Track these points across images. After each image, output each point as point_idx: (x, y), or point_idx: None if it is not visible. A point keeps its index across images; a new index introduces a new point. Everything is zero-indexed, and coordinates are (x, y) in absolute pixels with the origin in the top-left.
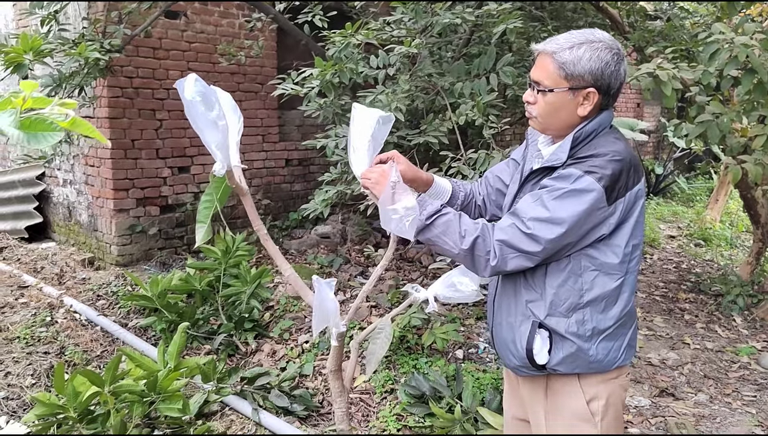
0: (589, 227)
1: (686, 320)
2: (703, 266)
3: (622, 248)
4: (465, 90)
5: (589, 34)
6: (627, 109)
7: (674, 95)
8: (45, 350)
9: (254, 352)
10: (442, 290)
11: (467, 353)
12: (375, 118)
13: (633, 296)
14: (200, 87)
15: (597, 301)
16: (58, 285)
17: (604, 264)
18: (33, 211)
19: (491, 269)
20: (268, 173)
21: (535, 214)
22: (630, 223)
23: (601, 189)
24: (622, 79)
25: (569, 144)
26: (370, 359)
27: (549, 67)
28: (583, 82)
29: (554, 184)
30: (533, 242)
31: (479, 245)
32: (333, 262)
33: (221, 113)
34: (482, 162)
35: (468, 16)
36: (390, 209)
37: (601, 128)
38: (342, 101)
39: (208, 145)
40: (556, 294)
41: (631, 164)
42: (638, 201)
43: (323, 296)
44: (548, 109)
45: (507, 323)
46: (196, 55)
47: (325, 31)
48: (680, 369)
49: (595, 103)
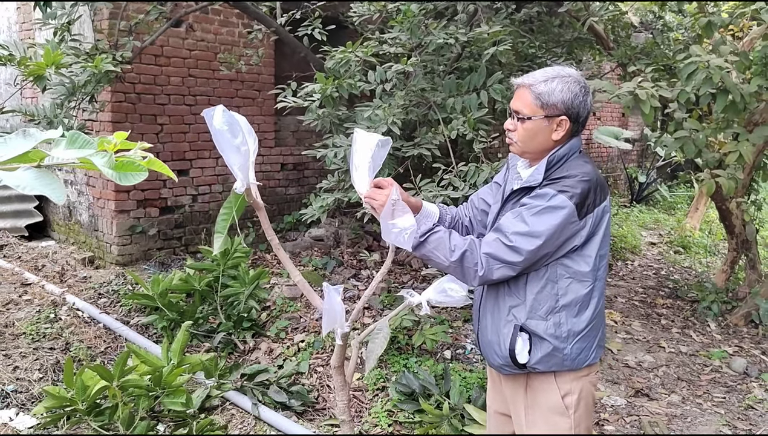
0: (563, 239)
1: (663, 325)
2: (681, 273)
3: (592, 257)
4: (456, 105)
5: (561, 70)
6: (612, 118)
7: (653, 113)
8: (50, 346)
9: (252, 350)
10: (434, 295)
11: (455, 353)
12: (375, 141)
13: (602, 300)
14: (227, 117)
15: (571, 305)
16: (59, 283)
17: (577, 272)
18: (33, 210)
19: (479, 278)
20: (263, 177)
21: (516, 229)
22: (599, 235)
23: (572, 206)
24: (589, 109)
25: (544, 166)
26: (369, 356)
27: (527, 98)
28: (557, 110)
29: (532, 202)
30: (515, 254)
31: (468, 258)
32: (326, 264)
33: (243, 139)
34: (472, 174)
35: (460, 36)
36: (390, 224)
37: (571, 152)
38: (339, 112)
39: (231, 166)
40: (536, 299)
41: (597, 184)
42: (605, 216)
43: (332, 301)
44: (527, 134)
45: (492, 327)
46: (196, 62)
47: (325, 46)
48: (655, 371)
49: (566, 130)
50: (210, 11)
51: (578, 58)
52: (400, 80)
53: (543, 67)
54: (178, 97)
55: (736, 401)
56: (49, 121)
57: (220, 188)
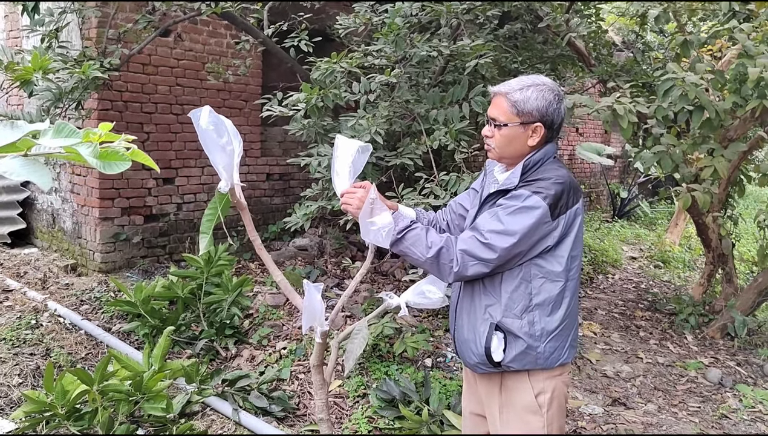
0: (536, 238)
1: (641, 337)
2: (660, 287)
3: (564, 258)
4: (439, 117)
5: (536, 78)
6: (595, 135)
7: (631, 127)
8: (31, 352)
9: (234, 357)
10: (412, 298)
11: (435, 361)
12: (355, 147)
13: (573, 300)
14: (213, 118)
15: (544, 304)
16: (41, 290)
17: (550, 272)
18: (16, 217)
19: (454, 274)
20: (249, 187)
21: (491, 227)
22: (571, 236)
23: (546, 206)
24: (562, 116)
25: (520, 170)
26: (348, 357)
27: (503, 106)
28: (532, 118)
29: (508, 202)
30: (490, 251)
31: (443, 254)
32: (310, 273)
33: (229, 139)
34: (453, 183)
35: (444, 49)
36: (369, 222)
37: (546, 157)
38: (324, 122)
39: (216, 165)
40: (510, 298)
41: (571, 187)
42: (577, 218)
43: (312, 298)
44: (503, 141)
45: (468, 325)
46: (184, 71)
47: (311, 57)
48: (633, 381)
49: (541, 136)
50: (199, 22)
51: (561, 74)
52: (384, 91)
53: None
54: (165, 106)
55: (711, 410)
56: None
57: (205, 197)
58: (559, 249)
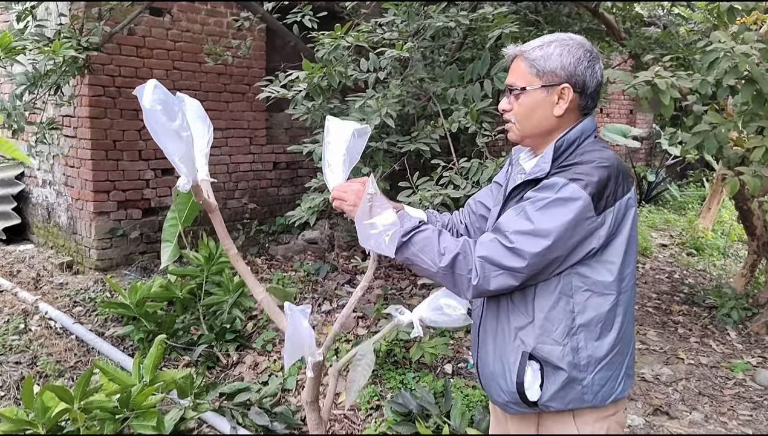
0: (577, 240)
1: (680, 334)
2: (695, 277)
3: (616, 264)
4: (458, 96)
5: (560, 34)
6: (620, 116)
7: (672, 105)
8: (17, 360)
9: (235, 364)
10: (427, 313)
11: (456, 367)
12: (350, 131)
13: (628, 318)
14: (160, 94)
15: (591, 325)
16: (33, 290)
17: (597, 283)
18: (11, 212)
19: (473, 289)
20: (255, 177)
21: (518, 227)
22: (622, 236)
23: (587, 196)
24: (598, 79)
25: (551, 153)
26: (350, 387)
27: (521, 68)
28: (556, 78)
29: (538, 194)
30: (517, 257)
31: (460, 263)
32: (320, 269)
33: (185, 123)
34: (475, 171)
35: (462, 19)
36: (368, 224)
37: (584, 136)
38: (331, 105)
39: (170, 157)
40: (547, 318)
41: (619, 171)
42: (629, 211)
43: (296, 324)
44: (523, 111)
45: (494, 354)
46: (181, 54)
47: (314, 33)
48: (674, 386)
49: (571, 102)
50: (195, 1)
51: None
52: (396, 69)
53: None
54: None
55: (765, 418)
56: (8, 114)
57: None
58: (608, 253)
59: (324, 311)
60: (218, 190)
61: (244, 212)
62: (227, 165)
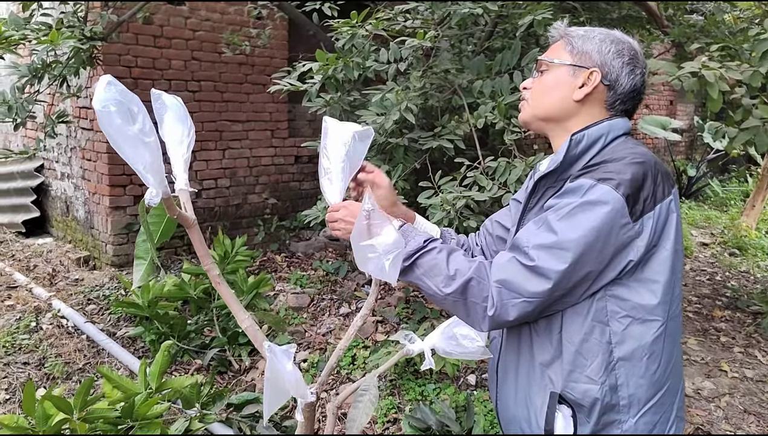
0: (611, 251)
1: (723, 343)
2: (738, 279)
3: (660, 283)
4: (485, 89)
5: (612, 31)
6: (659, 107)
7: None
8: (25, 360)
9: (248, 369)
10: (440, 343)
11: (480, 378)
12: (350, 134)
13: (677, 349)
14: (114, 93)
15: (633, 358)
16: (48, 286)
17: (639, 307)
18: (30, 205)
19: (490, 320)
20: (276, 171)
21: (539, 241)
22: (666, 248)
23: (620, 198)
24: (636, 84)
25: (566, 145)
26: (351, 426)
27: (558, 45)
28: (589, 60)
29: (561, 200)
30: (540, 279)
31: (473, 289)
32: (339, 269)
33: (147, 127)
34: (502, 171)
35: (491, 5)
36: (366, 246)
37: (611, 135)
38: (351, 97)
39: (133, 166)
40: (579, 352)
41: (657, 169)
42: (671, 216)
43: (278, 369)
44: (542, 88)
45: (517, 396)
46: (200, 44)
47: (332, 21)
48: (717, 401)
49: (595, 90)
50: None
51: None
52: (418, 59)
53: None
54: (180, 83)
55: None
56: (9, 107)
57: (227, 183)
58: (649, 269)
59: (342, 314)
60: (239, 185)
61: (265, 208)
62: (248, 159)
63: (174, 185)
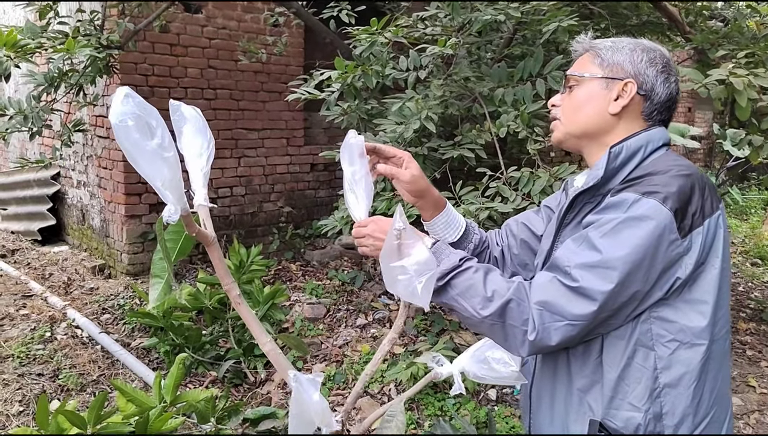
0: (659, 270)
1: (749, 357)
2: (762, 290)
3: (709, 303)
4: (507, 97)
5: (639, 40)
6: (677, 115)
7: (750, 106)
8: (39, 371)
9: (264, 382)
10: (471, 366)
11: (501, 393)
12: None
13: (723, 373)
14: (131, 106)
15: (680, 385)
16: (63, 295)
17: (686, 330)
18: (46, 213)
19: (530, 345)
20: (291, 179)
21: (581, 260)
22: (714, 266)
23: (668, 213)
24: (672, 92)
25: (605, 158)
26: None
27: (584, 58)
28: (621, 71)
29: (602, 216)
30: (585, 300)
31: (512, 312)
32: (356, 278)
33: (166, 141)
34: (526, 182)
35: (513, 12)
36: (396, 267)
37: (651, 147)
38: (368, 106)
39: (151, 182)
40: (621, 377)
41: (704, 182)
42: (719, 232)
43: (304, 400)
44: (573, 104)
45: (553, 424)
46: (216, 52)
47: (351, 28)
48: (746, 418)
49: (632, 102)
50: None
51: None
52: (438, 67)
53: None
54: (196, 91)
55: None
56: (25, 117)
57: (242, 191)
58: (697, 289)
59: (359, 326)
60: (254, 193)
61: (280, 216)
62: (263, 166)
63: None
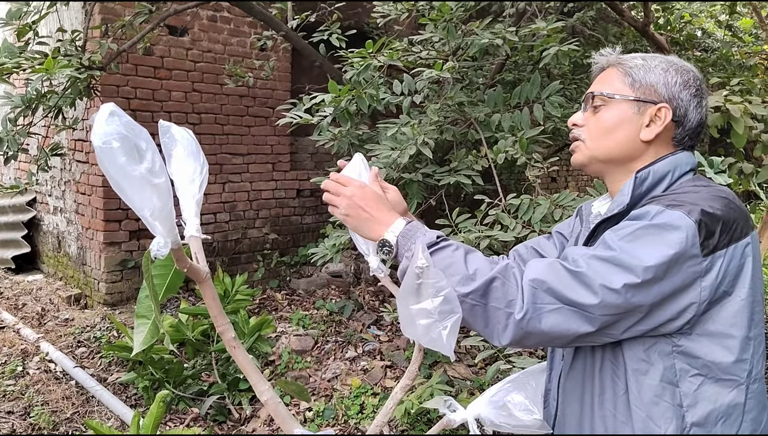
0: (671, 287)
1: None
2: None
3: (737, 338)
4: (504, 123)
5: (667, 56)
6: None
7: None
8: (9, 409)
9: (249, 418)
10: (487, 412)
11: None
12: (375, 171)
13: (766, 415)
14: (117, 126)
15: (708, 424)
16: (37, 327)
17: (711, 365)
18: (21, 240)
19: (515, 326)
20: (277, 205)
21: (593, 252)
22: (740, 296)
23: (692, 225)
24: (702, 116)
25: (632, 183)
26: None
27: (612, 75)
28: (655, 94)
29: (624, 224)
30: (585, 289)
31: (496, 291)
32: (344, 308)
33: (156, 166)
34: (525, 209)
35: (510, 36)
36: (415, 310)
37: (678, 172)
38: (359, 131)
39: (138, 212)
40: (650, 417)
41: (738, 206)
42: (746, 261)
43: None
44: (601, 126)
45: None
46: (201, 75)
47: (342, 51)
48: None
49: (665, 129)
50: (219, 19)
51: None
52: (433, 91)
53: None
54: (180, 115)
55: None
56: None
57: (226, 217)
58: (721, 320)
59: (348, 358)
60: (238, 219)
61: (265, 243)
62: (248, 192)
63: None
